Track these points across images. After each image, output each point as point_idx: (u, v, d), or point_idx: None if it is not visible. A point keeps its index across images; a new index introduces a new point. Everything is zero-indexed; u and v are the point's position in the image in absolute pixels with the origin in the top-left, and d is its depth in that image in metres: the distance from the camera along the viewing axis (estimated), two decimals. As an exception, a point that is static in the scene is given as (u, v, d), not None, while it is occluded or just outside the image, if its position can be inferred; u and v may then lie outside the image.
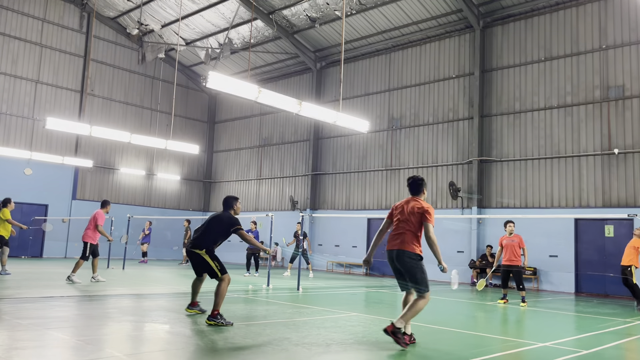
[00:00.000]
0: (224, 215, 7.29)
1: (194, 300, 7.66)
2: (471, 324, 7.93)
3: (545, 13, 17.31)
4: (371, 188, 21.14)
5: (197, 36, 24.05)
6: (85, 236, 11.90)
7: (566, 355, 5.79)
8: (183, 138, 25.58)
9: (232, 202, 7.41)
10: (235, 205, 7.40)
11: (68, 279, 11.46)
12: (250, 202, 26.02)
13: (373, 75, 21.79)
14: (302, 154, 23.99)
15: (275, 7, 20.83)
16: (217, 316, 6.72)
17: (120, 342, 5.78)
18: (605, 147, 15.71)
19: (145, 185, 25.84)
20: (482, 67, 18.38)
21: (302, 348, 5.54)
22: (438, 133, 19.43)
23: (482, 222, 17.66)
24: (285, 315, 7.95)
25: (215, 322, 6.66)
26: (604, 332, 7.92)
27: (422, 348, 6.07)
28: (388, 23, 20.05)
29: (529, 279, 16.36)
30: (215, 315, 6.72)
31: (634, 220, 14.18)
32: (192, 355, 5.16)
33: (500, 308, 10.61)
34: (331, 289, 13.53)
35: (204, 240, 7.13)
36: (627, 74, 15.60)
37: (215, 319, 6.69)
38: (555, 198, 16.45)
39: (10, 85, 21.73)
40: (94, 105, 24.03)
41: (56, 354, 5.04)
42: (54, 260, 20.65)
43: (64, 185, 22.92)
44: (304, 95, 23.29)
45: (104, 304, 8.69)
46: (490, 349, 6.15)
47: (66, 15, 23.34)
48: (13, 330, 5.92)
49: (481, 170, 18.02)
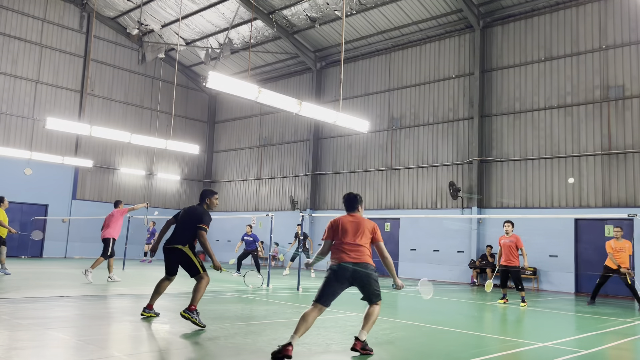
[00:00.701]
0: (198, 209, 7.06)
1: (152, 302, 7.19)
2: (471, 324, 7.93)
3: (545, 13, 17.31)
4: (371, 188, 21.14)
5: (197, 36, 24.05)
6: (106, 233, 12.08)
7: (566, 355, 5.79)
8: (183, 138, 25.58)
9: (206, 195, 7.15)
10: (209, 200, 7.11)
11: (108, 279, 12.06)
12: (250, 202, 26.03)
13: (373, 75, 21.79)
14: (302, 154, 24.00)
15: (275, 7, 20.83)
16: (194, 312, 6.52)
17: (120, 342, 5.78)
18: (605, 147, 15.71)
19: (145, 185, 25.84)
20: (482, 67, 18.38)
21: (302, 348, 5.54)
22: (438, 133, 19.43)
23: (482, 222, 17.66)
24: (285, 315, 7.95)
25: (190, 315, 6.44)
26: (604, 332, 7.92)
27: (422, 348, 6.07)
28: (388, 23, 20.05)
29: (529, 279, 16.36)
30: (192, 310, 6.51)
31: (634, 220, 14.18)
32: (192, 355, 5.16)
33: (500, 308, 10.61)
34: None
35: (184, 235, 6.91)
36: (627, 74, 15.60)
37: (191, 313, 6.47)
38: (555, 198, 16.45)
39: (10, 85, 21.73)
40: (94, 105, 24.04)
41: (56, 354, 5.04)
42: (54, 260, 20.65)
43: (64, 185, 22.92)
44: (304, 95, 23.29)
45: (104, 304, 8.69)
46: (490, 349, 6.15)
47: (66, 15, 23.35)
48: (13, 330, 5.92)
49: (481, 170, 18.02)
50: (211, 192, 7.21)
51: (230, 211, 26.66)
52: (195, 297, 6.63)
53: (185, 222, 7.01)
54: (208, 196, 7.14)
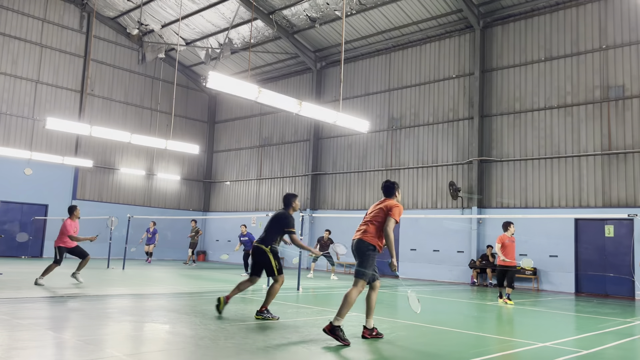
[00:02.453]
0: (284, 213, 7.71)
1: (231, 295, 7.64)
2: (471, 324, 7.93)
3: (545, 13, 17.31)
4: (371, 188, 21.14)
5: (197, 36, 24.05)
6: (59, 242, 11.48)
7: (566, 355, 5.79)
8: (183, 138, 25.57)
9: (291, 200, 7.76)
10: (294, 203, 7.77)
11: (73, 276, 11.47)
12: (250, 202, 26.03)
13: (373, 75, 21.79)
14: (302, 154, 23.99)
15: (275, 7, 20.83)
16: (265, 311, 7.35)
17: (120, 342, 5.78)
18: (605, 147, 15.71)
19: (145, 185, 25.84)
20: (482, 67, 18.38)
21: (302, 348, 5.54)
22: (438, 133, 19.43)
23: (482, 222, 17.66)
24: (286, 315, 7.94)
25: (262, 317, 7.31)
26: (604, 332, 7.92)
27: (423, 348, 6.07)
28: (388, 23, 20.05)
29: (529, 279, 16.36)
30: (263, 311, 7.36)
31: (634, 220, 14.17)
32: (192, 355, 5.16)
33: (500, 308, 10.60)
34: (331, 289, 13.53)
35: (267, 237, 7.56)
36: (627, 74, 15.59)
37: (262, 314, 7.34)
38: (555, 198, 16.44)
39: (10, 85, 21.73)
40: (94, 105, 24.03)
41: (56, 354, 5.04)
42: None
43: (64, 185, 22.91)
44: (304, 95, 23.29)
45: (104, 304, 8.69)
46: (490, 349, 6.15)
47: (66, 15, 23.34)
48: (13, 330, 5.92)
49: (481, 170, 18.02)
50: (294, 196, 7.85)
51: (230, 211, 26.66)
52: (268, 299, 7.42)
53: (272, 225, 7.68)
54: (292, 200, 7.78)
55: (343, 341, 5.73)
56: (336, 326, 5.78)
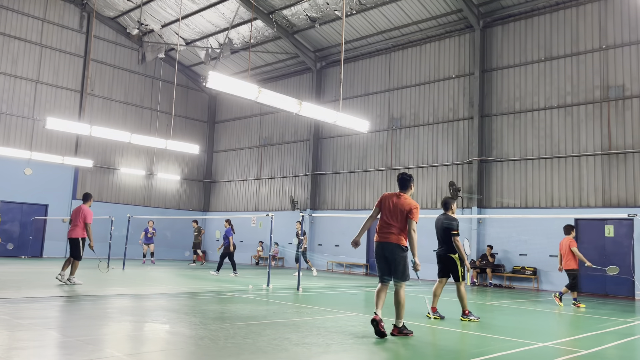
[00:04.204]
0: (443, 219, 8.13)
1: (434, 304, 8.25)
2: (472, 324, 7.92)
3: (545, 13, 17.31)
4: (371, 188, 21.14)
5: (197, 36, 24.05)
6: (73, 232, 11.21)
7: (566, 355, 5.79)
8: (183, 138, 25.58)
9: (449, 203, 8.18)
10: (453, 206, 8.16)
11: (68, 281, 11.15)
12: (250, 202, 26.02)
13: (373, 75, 21.79)
14: (302, 154, 23.99)
15: (275, 7, 20.83)
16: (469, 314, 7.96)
17: (120, 342, 5.77)
18: (605, 147, 15.71)
19: (145, 185, 25.84)
20: (482, 67, 18.37)
21: (302, 348, 5.54)
22: (438, 133, 19.43)
23: (482, 222, 17.66)
24: (285, 315, 7.94)
25: (467, 319, 7.88)
26: (604, 332, 7.92)
27: (423, 348, 6.07)
28: (388, 23, 20.05)
29: (529, 279, 16.36)
30: (467, 314, 7.96)
31: (634, 220, 14.17)
32: (192, 355, 5.16)
33: (500, 308, 10.60)
34: (331, 289, 13.53)
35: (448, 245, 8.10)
36: (627, 74, 15.59)
37: (467, 317, 7.93)
38: (555, 198, 16.44)
39: (10, 85, 21.73)
40: (94, 105, 24.03)
41: (56, 354, 5.04)
42: (54, 260, 20.62)
43: (64, 185, 22.92)
44: (304, 95, 23.29)
45: (104, 304, 8.69)
46: (490, 349, 6.15)
47: (66, 15, 23.34)
48: (13, 330, 5.92)
49: (481, 170, 18.01)
50: (452, 199, 8.29)
51: (230, 211, 26.65)
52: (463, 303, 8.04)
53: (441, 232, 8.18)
54: (451, 204, 8.22)
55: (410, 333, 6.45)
56: (401, 327, 6.41)
